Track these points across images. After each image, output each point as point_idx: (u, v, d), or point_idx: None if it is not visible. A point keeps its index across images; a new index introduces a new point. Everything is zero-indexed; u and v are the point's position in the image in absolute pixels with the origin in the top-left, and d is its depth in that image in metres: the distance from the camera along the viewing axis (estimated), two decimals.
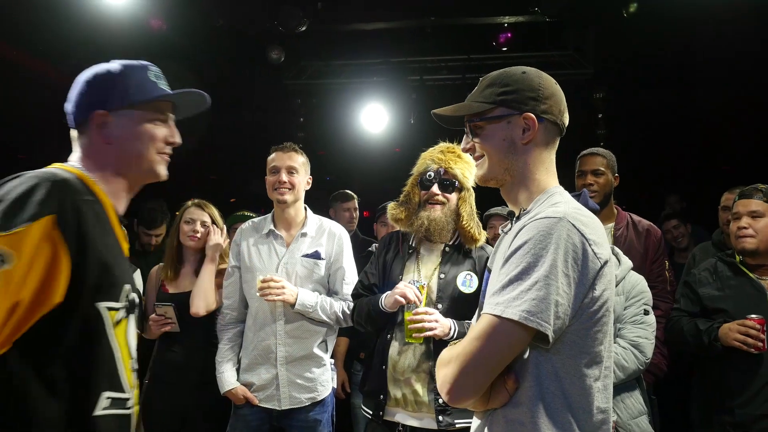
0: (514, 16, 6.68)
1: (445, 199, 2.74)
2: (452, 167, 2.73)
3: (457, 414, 2.56)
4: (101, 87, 1.64)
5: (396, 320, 2.72)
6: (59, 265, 1.39)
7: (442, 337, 2.57)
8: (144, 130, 1.67)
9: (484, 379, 1.43)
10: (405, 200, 2.84)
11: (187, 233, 3.42)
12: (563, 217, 1.43)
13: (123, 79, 1.65)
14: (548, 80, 1.65)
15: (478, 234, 2.77)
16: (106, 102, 1.63)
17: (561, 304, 1.38)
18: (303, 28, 5.75)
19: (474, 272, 2.74)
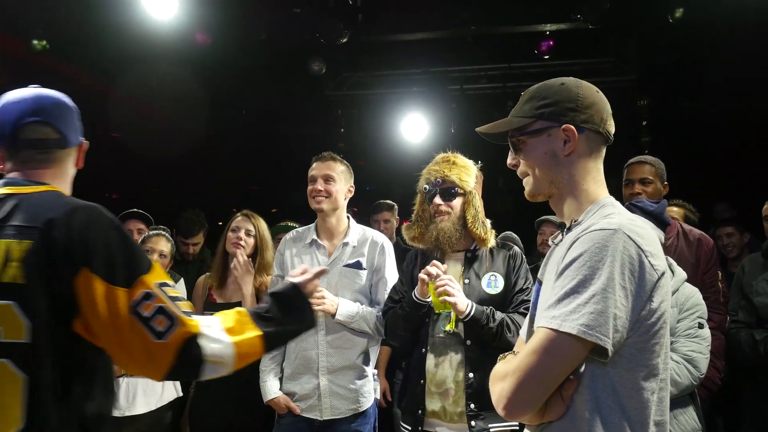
0: (555, 23, 6.61)
1: (449, 207, 2.79)
2: (448, 175, 2.78)
3: (490, 418, 2.57)
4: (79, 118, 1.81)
5: (429, 333, 2.74)
6: None
7: (460, 312, 2.60)
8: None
9: (542, 394, 1.41)
10: (417, 219, 2.92)
11: (231, 240, 3.48)
12: (618, 228, 1.40)
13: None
14: (588, 89, 1.62)
15: (485, 234, 2.80)
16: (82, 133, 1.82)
17: (619, 317, 1.35)
18: (344, 40, 5.77)
19: (499, 273, 2.77)
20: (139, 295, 1.53)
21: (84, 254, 1.50)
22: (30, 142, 1.68)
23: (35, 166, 1.69)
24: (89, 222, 1.55)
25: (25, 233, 1.51)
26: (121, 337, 1.51)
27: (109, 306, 1.50)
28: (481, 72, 7.92)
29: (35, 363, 1.46)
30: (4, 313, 1.46)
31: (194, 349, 1.56)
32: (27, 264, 1.48)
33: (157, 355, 1.53)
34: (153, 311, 1.53)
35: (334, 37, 5.70)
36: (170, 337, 1.53)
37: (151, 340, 1.51)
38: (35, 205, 1.57)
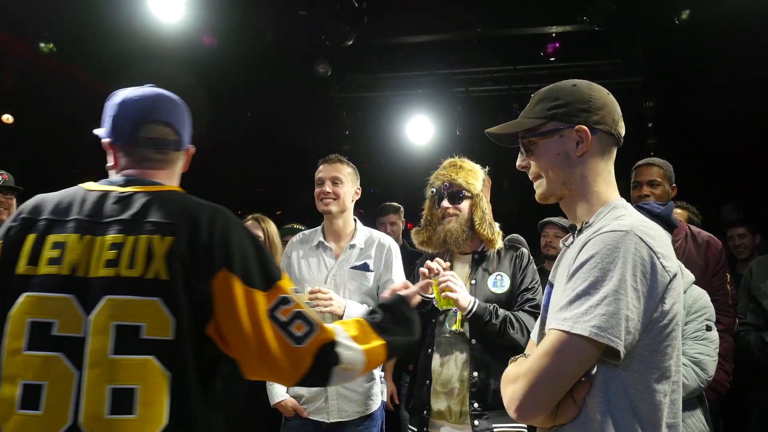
0: (560, 25, 6.61)
1: (457, 210, 2.82)
2: (455, 178, 2.82)
3: (494, 418, 2.58)
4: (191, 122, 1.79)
5: (435, 333, 2.76)
6: None
7: (463, 308, 2.61)
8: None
9: (553, 396, 1.40)
10: (426, 223, 2.96)
11: None
12: (630, 230, 1.40)
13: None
14: (600, 91, 1.62)
15: (492, 235, 2.82)
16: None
17: (631, 318, 1.35)
18: (350, 42, 5.78)
19: (505, 273, 2.80)
20: (277, 299, 1.52)
21: (224, 255, 1.49)
22: (150, 140, 1.66)
23: (151, 166, 1.67)
24: (228, 224, 1.55)
25: (166, 229, 1.49)
26: (259, 340, 1.49)
27: (249, 307, 1.49)
28: (487, 74, 7.93)
29: (180, 360, 1.45)
30: (150, 309, 1.44)
31: (330, 356, 1.55)
32: (170, 260, 1.46)
33: (295, 360, 1.52)
34: (291, 316, 1.53)
35: (340, 39, 5.71)
36: (308, 342, 1.52)
37: (289, 344, 1.50)
38: (171, 203, 1.57)
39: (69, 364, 1.43)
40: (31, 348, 1.45)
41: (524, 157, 1.66)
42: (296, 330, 1.52)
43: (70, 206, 1.56)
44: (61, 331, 1.44)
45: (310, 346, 1.52)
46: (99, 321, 1.43)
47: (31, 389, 1.43)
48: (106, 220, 1.52)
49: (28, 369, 1.44)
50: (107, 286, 1.44)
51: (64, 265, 1.48)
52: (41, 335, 1.44)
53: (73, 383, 1.42)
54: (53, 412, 1.41)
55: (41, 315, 1.46)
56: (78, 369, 1.42)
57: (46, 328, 1.45)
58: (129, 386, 1.41)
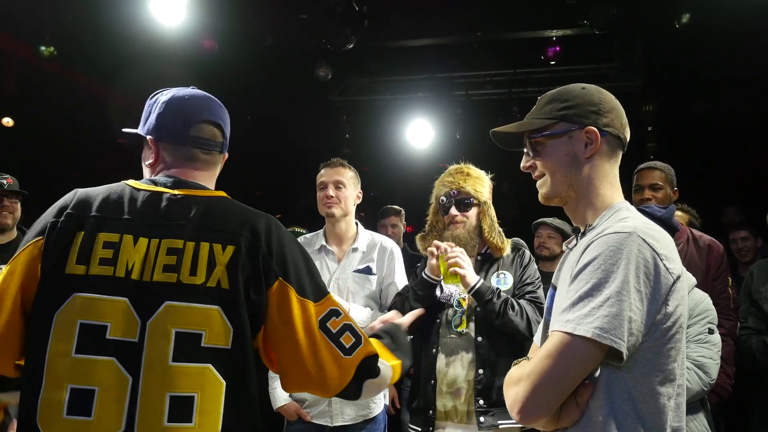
0: (561, 29, 6.62)
1: (465, 217, 2.84)
2: (463, 186, 2.84)
3: (499, 415, 2.59)
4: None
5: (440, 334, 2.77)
6: None
7: (467, 284, 2.65)
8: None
9: (556, 398, 1.40)
10: (430, 229, 2.98)
11: None
12: (633, 231, 1.40)
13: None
14: (608, 95, 1.63)
15: (502, 243, 2.86)
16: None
17: (634, 320, 1.35)
18: (350, 45, 5.79)
19: (507, 272, 2.83)
20: (328, 310, 1.56)
21: (281, 265, 1.52)
22: (199, 140, 1.66)
23: (197, 166, 1.66)
24: (282, 234, 1.58)
25: (228, 239, 1.49)
26: (312, 349, 1.51)
27: (303, 317, 1.51)
28: (487, 78, 7.94)
29: (236, 370, 1.45)
30: (210, 317, 1.44)
31: (371, 368, 1.59)
32: (232, 269, 1.46)
33: (343, 371, 1.54)
34: (340, 327, 1.56)
35: (340, 42, 5.72)
36: (355, 354, 1.56)
37: (340, 355, 1.54)
38: (227, 210, 1.58)
39: (123, 370, 1.40)
40: (82, 351, 1.40)
41: (530, 158, 1.66)
42: (345, 341, 1.56)
43: (120, 204, 1.53)
44: (114, 334, 1.41)
45: (356, 358, 1.56)
46: (158, 326, 1.42)
47: (81, 394, 1.38)
48: (162, 223, 1.51)
49: (78, 373, 1.39)
50: (167, 291, 1.43)
51: (119, 267, 1.44)
52: (93, 338, 1.40)
53: (128, 389, 1.39)
54: (105, 419, 1.37)
55: (93, 317, 1.42)
56: (132, 374, 1.39)
57: (98, 331, 1.41)
58: (188, 394, 1.40)
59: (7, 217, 3.87)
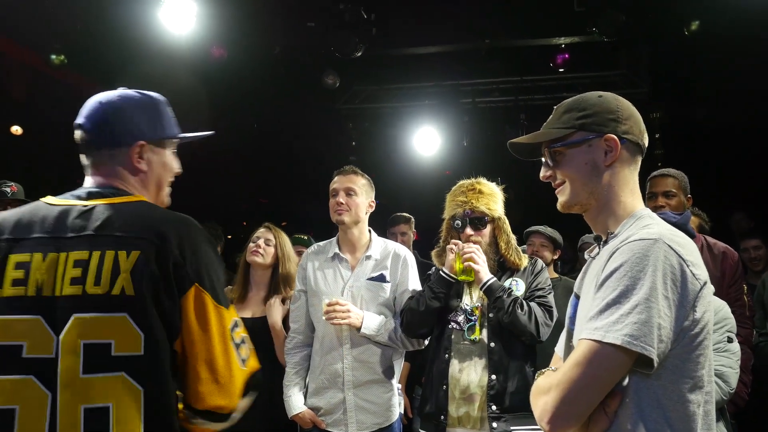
0: (568, 36, 6.63)
1: (480, 236, 2.86)
2: (477, 205, 2.85)
3: (512, 421, 2.60)
4: (150, 116, 1.71)
5: (452, 340, 2.78)
6: None
7: (480, 280, 2.71)
8: (169, 161, 1.76)
9: (587, 407, 1.39)
10: (444, 246, 2.98)
11: (251, 249, 3.48)
12: (659, 238, 1.40)
13: (160, 110, 1.74)
14: (625, 102, 1.64)
15: (519, 260, 2.89)
16: (152, 131, 1.70)
17: (663, 327, 1.34)
18: (359, 53, 5.80)
19: (519, 279, 2.86)
20: (233, 320, 1.55)
21: (196, 271, 1.49)
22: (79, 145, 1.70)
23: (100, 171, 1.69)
24: (197, 239, 1.55)
25: (132, 244, 1.46)
26: (226, 357, 1.50)
27: (220, 324, 1.50)
28: (493, 85, 7.94)
29: (151, 375, 1.44)
30: (119, 326, 1.42)
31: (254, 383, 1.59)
32: (136, 275, 1.44)
33: (239, 381, 1.53)
34: (240, 339, 1.57)
35: (348, 50, 5.73)
36: (248, 365, 1.57)
37: (238, 365, 1.53)
38: (134, 216, 1.54)
39: (41, 386, 1.40)
40: (1, 372, 1.41)
41: (549, 168, 1.66)
42: (242, 353, 1.56)
43: (31, 224, 1.52)
44: (30, 352, 1.41)
45: (248, 370, 1.57)
46: (68, 340, 1.40)
47: (3, 414, 1.39)
48: (70, 236, 1.49)
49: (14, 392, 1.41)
50: (74, 304, 1.42)
51: (30, 285, 1.44)
52: (10, 358, 1.41)
53: (47, 405, 1.39)
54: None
55: (9, 338, 1.43)
56: (51, 390, 1.40)
57: (15, 351, 1.41)
58: (102, 405, 1.39)
59: None
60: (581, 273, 1.71)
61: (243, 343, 1.57)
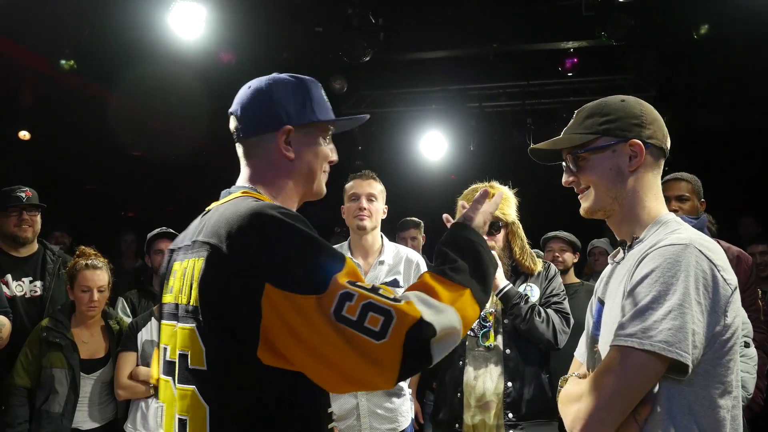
0: (576, 41, 6.62)
1: (494, 241, 2.84)
2: None
3: (528, 429, 2.60)
4: (299, 100, 1.58)
5: (467, 346, 2.76)
6: None
7: (496, 286, 2.70)
8: (319, 148, 1.61)
9: (620, 414, 1.38)
10: None
11: None
12: (690, 243, 1.39)
13: (310, 93, 1.60)
14: (648, 106, 1.62)
15: (534, 265, 2.87)
16: (298, 116, 1.57)
17: (697, 333, 1.34)
18: (367, 58, 5.80)
19: (533, 284, 2.84)
20: (337, 298, 1.27)
21: (266, 268, 1.28)
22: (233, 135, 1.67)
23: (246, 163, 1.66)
24: (267, 231, 1.32)
25: (202, 250, 1.37)
26: (332, 352, 1.25)
27: (309, 318, 1.25)
28: (500, 89, 7.93)
29: (216, 392, 1.34)
30: (191, 338, 1.37)
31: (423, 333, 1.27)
32: (201, 284, 1.34)
33: (384, 359, 1.25)
34: (360, 311, 1.27)
35: (357, 55, 5.73)
36: (392, 333, 1.26)
37: (372, 343, 1.24)
38: (218, 218, 1.40)
39: (173, 388, 1.44)
40: (162, 372, 1.50)
41: (571, 174, 1.65)
42: (372, 324, 1.26)
43: (188, 232, 1.55)
44: (170, 356, 1.46)
45: (394, 336, 1.26)
46: (174, 348, 1.44)
47: (161, 410, 1.51)
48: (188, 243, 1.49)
49: (160, 392, 1.52)
50: (178, 313, 1.44)
51: (174, 292, 1.48)
52: (164, 360, 1.49)
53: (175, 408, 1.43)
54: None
55: (163, 341, 1.51)
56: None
57: (164, 354, 1.49)
58: (183, 417, 1.38)
59: (27, 230, 3.87)
60: (604, 278, 1.70)
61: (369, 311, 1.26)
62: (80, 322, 3.41)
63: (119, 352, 3.41)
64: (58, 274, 3.91)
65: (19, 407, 3.24)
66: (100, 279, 3.35)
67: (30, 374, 3.29)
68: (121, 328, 3.56)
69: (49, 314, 3.53)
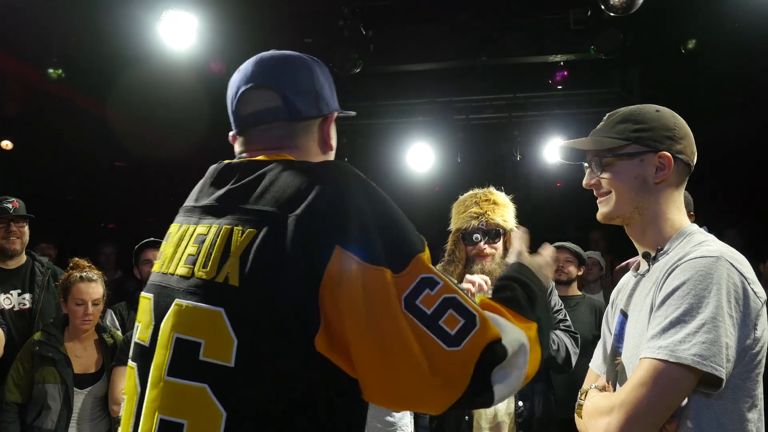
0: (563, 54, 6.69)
1: (494, 248, 2.76)
2: (493, 217, 2.74)
3: None
4: (328, 84, 1.43)
5: None
6: None
7: None
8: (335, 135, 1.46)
9: (652, 428, 1.37)
10: (451, 259, 2.84)
11: None
12: (721, 256, 1.39)
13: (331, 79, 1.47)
14: (681, 120, 1.62)
15: None
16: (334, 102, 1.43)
17: (730, 346, 1.33)
18: (357, 69, 5.80)
19: None
20: (417, 281, 1.05)
21: (340, 232, 1.06)
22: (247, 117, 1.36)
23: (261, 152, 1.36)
24: (340, 191, 1.11)
25: (251, 220, 1.11)
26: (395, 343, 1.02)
27: (380, 295, 1.03)
28: (486, 102, 7.96)
29: (242, 397, 1.06)
30: (213, 323, 1.08)
31: (496, 357, 1.07)
32: (245, 261, 1.08)
33: (450, 372, 1.03)
34: (438, 305, 1.05)
35: (348, 66, 5.72)
36: (467, 343, 1.04)
37: (441, 348, 1.03)
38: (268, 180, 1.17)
39: (137, 379, 1.18)
40: (132, 357, 1.25)
41: (594, 175, 1.63)
42: (448, 325, 1.04)
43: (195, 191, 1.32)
44: (139, 337, 1.22)
45: (470, 350, 1.04)
46: (165, 330, 1.14)
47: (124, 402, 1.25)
48: (202, 204, 1.24)
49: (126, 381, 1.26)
50: (179, 287, 1.15)
51: (159, 260, 1.26)
52: (135, 342, 1.25)
53: (136, 403, 1.17)
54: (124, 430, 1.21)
55: (138, 319, 1.26)
56: (141, 386, 1.17)
57: (136, 332, 1.25)
58: (177, 420, 1.08)
59: (15, 242, 3.79)
60: (626, 290, 1.68)
61: (450, 308, 1.05)
62: (74, 335, 3.34)
63: (113, 367, 3.33)
64: (48, 286, 3.83)
65: (10, 423, 3.15)
66: (95, 292, 3.29)
67: (21, 389, 3.20)
68: (115, 341, 3.49)
69: (40, 327, 3.46)
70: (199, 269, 1.13)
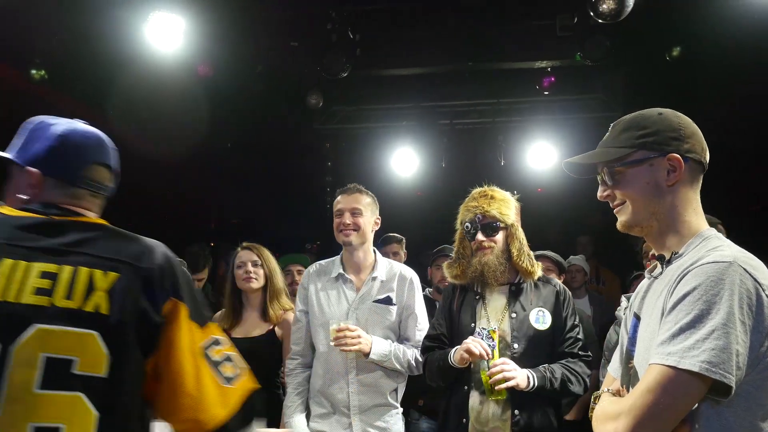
0: (549, 60, 6.73)
1: (492, 242, 2.76)
2: (488, 210, 2.77)
3: None
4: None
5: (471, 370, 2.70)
6: None
7: (524, 388, 2.54)
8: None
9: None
10: (458, 256, 2.91)
11: (241, 277, 3.45)
12: (734, 261, 1.37)
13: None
14: (686, 119, 1.60)
15: (532, 267, 2.79)
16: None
17: (741, 353, 1.31)
18: (345, 74, 5.78)
19: (545, 308, 2.74)
20: (210, 338, 1.52)
21: (173, 285, 1.49)
22: (91, 182, 1.60)
23: (82, 204, 1.59)
24: (171, 257, 1.55)
25: (108, 265, 1.44)
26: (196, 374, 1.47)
27: (190, 338, 1.48)
28: (471, 107, 7.98)
29: (112, 400, 1.38)
30: (86, 343, 1.37)
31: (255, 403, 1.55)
32: (113, 295, 1.41)
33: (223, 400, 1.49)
34: (222, 357, 1.53)
35: (336, 71, 5.70)
36: (237, 384, 1.53)
37: (219, 383, 1.49)
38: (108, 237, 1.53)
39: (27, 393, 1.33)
40: None
41: (607, 188, 1.62)
42: (225, 371, 1.52)
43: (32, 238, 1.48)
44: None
45: (239, 388, 1.52)
46: (25, 351, 1.33)
47: None
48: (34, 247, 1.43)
49: None
50: (37, 314, 1.35)
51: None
52: None
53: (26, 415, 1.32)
54: None
55: None
56: None
57: None
58: (52, 425, 1.32)
59: None
60: (640, 292, 1.67)
61: (227, 360, 1.54)
62: None
63: None
64: None
65: None
66: None
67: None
68: None
69: None
70: (61, 300, 1.37)
